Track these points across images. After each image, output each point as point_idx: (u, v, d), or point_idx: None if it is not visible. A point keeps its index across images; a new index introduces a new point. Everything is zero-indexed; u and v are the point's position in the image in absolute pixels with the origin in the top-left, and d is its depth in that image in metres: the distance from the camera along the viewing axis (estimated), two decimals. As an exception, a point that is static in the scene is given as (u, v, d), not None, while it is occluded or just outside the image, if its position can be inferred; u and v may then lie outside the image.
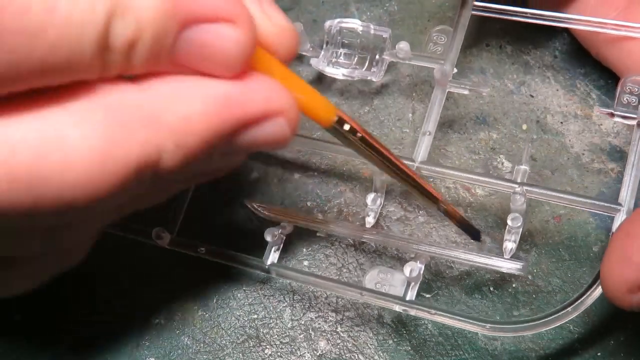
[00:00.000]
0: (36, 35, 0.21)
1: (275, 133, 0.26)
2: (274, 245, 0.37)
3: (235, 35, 0.24)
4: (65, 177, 0.23)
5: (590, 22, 0.37)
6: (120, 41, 0.23)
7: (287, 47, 0.27)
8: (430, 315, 0.34)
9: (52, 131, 0.23)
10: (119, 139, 0.23)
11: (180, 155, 0.25)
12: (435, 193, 0.32)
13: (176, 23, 0.23)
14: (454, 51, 0.38)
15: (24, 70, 0.22)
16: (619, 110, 0.36)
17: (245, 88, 0.25)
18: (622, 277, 0.30)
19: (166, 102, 0.24)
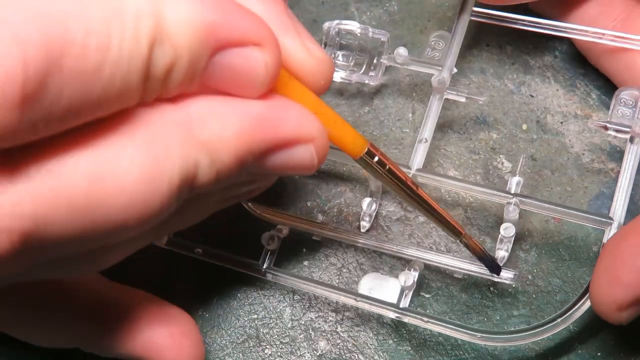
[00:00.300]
0: (94, 74, 0.22)
1: (304, 159, 0.28)
2: (270, 248, 0.37)
3: (262, 58, 0.25)
4: (118, 199, 0.24)
5: (589, 33, 0.38)
6: (159, 68, 0.24)
7: (324, 79, 0.29)
8: (424, 323, 0.34)
9: (103, 158, 0.24)
10: (162, 156, 0.24)
11: (214, 171, 0.26)
12: (458, 226, 0.33)
13: (209, 48, 0.25)
14: (451, 57, 0.39)
15: (83, 108, 0.23)
16: (613, 123, 0.36)
17: (278, 112, 0.27)
18: (612, 297, 0.31)
19: (202, 119, 0.25)
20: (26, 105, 0.21)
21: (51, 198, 0.23)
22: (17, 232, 0.22)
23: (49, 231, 0.23)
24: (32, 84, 0.21)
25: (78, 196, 0.23)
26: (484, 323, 0.36)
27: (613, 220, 0.34)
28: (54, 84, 0.22)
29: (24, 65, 0.21)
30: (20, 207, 0.22)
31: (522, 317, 0.36)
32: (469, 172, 0.39)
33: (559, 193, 0.39)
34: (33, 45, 0.21)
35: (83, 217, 0.24)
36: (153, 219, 0.25)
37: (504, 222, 0.35)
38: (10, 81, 0.21)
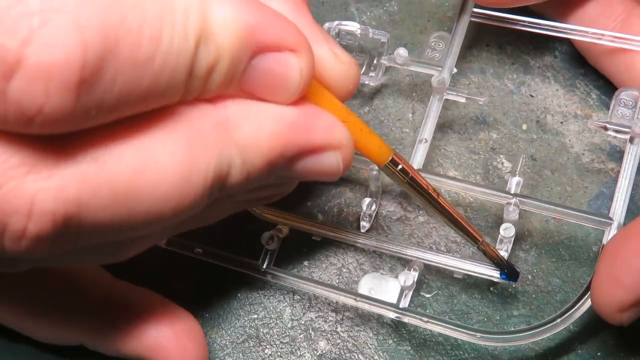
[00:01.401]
0: (145, 65, 0.23)
1: (330, 166, 0.29)
2: (270, 248, 0.37)
3: (298, 64, 0.26)
4: (157, 191, 0.25)
5: (589, 33, 0.38)
6: (203, 66, 0.24)
7: (352, 83, 0.30)
8: (423, 323, 0.34)
9: (146, 150, 0.24)
10: (199, 153, 0.25)
11: (245, 172, 0.27)
12: (476, 233, 0.34)
13: (249, 51, 0.25)
14: (451, 58, 0.39)
15: (132, 98, 0.23)
16: (612, 123, 0.36)
17: (310, 118, 0.28)
18: (613, 298, 0.31)
19: (237, 121, 0.26)
20: (82, 89, 0.22)
21: (95, 185, 0.24)
22: (60, 215, 0.23)
23: (89, 217, 0.24)
24: (90, 68, 0.22)
25: (120, 185, 0.24)
26: (484, 323, 0.36)
27: (613, 220, 0.34)
28: (109, 70, 0.22)
29: (83, 50, 0.21)
30: (66, 191, 0.23)
31: (522, 317, 0.36)
32: (469, 172, 0.39)
33: (559, 193, 0.39)
34: (92, 31, 0.22)
35: (123, 205, 0.24)
36: (186, 212, 0.26)
37: (503, 222, 0.35)
38: (70, 64, 0.21)
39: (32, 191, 0.23)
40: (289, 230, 0.38)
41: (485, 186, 0.37)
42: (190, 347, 0.33)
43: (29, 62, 0.21)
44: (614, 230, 0.34)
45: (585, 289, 0.33)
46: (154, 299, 0.34)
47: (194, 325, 0.34)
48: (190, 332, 0.34)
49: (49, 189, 0.23)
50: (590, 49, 0.39)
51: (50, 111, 0.22)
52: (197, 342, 0.34)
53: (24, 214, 0.23)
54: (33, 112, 0.22)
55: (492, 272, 0.35)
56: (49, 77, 0.21)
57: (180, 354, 0.33)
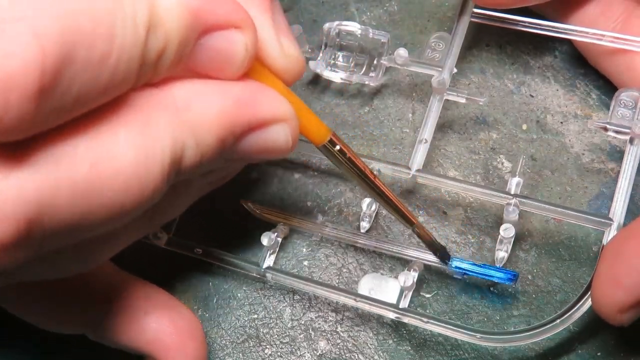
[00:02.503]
0: (102, 63, 0.23)
1: (279, 139, 0.29)
2: (270, 249, 0.37)
3: (243, 39, 0.27)
4: (116, 181, 0.24)
5: (589, 34, 0.38)
6: (152, 53, 0.25)
7: (292, 75, 0.30)
8: (423, 323, 0.34)
9: (99, 142, 0.24)
10: (152, 137, 0.25)
11: (199, 152, 0.27)
12: (411, 216, 0.34)
13: (196, 32, 0.26)
14: (451, 59, 0.39)
15: (90, 97, 0.23)
16: (612, 124, 0.36)
17: (255, 93, 0.28)
18: (613, 299, 0.31)
19: (186, 101, 0.26)
20: (42, 97, 0.22)
21: (53, 183, 0.23)
22: (22, 219, 0.23)
23: (52, 217, 0.24)
24: (49, 75, 0.22)
25: (79, 181, 0.24)
26: (484, 323, 0.36)
27: (613, 221, 0.34)
28: (67, 75, 0.22)
29: (42, 58, 0.21)
30: (24, 193, 0.23)
31: (522, 317, 0.36)
32: (469, 172, 0.39)
33: (559, 193, 0.39)
34: (49, 38, 0.22)
35: (84, 201, 0.24)
36: (147, 201, 0.26)
37: (503, 223, 0.35)
38: (29, 73, 0.21)
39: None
40: (289, 230, 0.38)
41: (485, 187, 0.37)
42: (190, 344, 0.33)
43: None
44: (614, 230, 0.34)
45: (585, 289, 0.33)
46: (157, 293, 0.34)
47: (195, 323, 0.34)
48: (191, 329, 0.34)
49: (6, 192, 0.22)
50: (590, 50, 0.39)
51: (10, 122, 0.21)
52: (197, 339, 0.34)
53: None
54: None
55: (489, 273, 0.35)
56: (7, 88, 0.21)
57: (180, 350, 0.33)
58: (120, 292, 0.34)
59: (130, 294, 0.34)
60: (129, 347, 0.33)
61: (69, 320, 0.34)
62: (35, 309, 0.34)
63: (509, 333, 0.34)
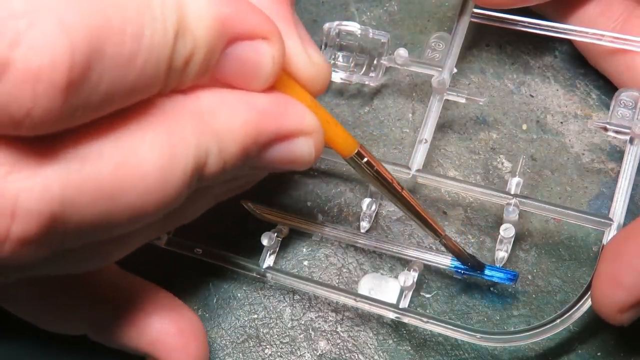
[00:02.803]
0: (129, 62, 0.23)
1: (302, 152, 0.29)
2: (270, 249, 0.37)
3: (270, 51, 0.27)
4: (140, 184, 0.25)
5: (589, 34, 0.38)
6: (180, 59, 0.25)
7: (320, 84, 0.30)
8: (423, 323, 0.34)
9: (126, 144, 0.24)
10: (178, 143, 0.25)
11: (222, 160, 0.27)
12: (439, 228, 0.34)
13: (224, 40, 0.26)
14: (451, 59, 0.39)
15: (117, 95, 0.23)
16: (612, 124, 0.36)
17: (281, 105, 0.28)
18: (613, 299, 0.31)
19: (212, 110, 0.26)
20: (70, 91, 0.22)
21: (78, 182, 0.23)
22: (45, 215, 0.23)
23: (74, 215, 0.24)
24: (77, 70, 0.22)
25: (103, 181, 0.24)
26: (484, 323, 0.36)
27: (613, 221, 0.34)
28: (95, 71, 0.22)
29: (71, 52, 0.21)
30: (49, 190, 0.23)
31: (522, 317, 0.36)
32: (469, 172, 0.39)
33: (559, 193, 0.39)
34: (78, 32, 0.22)
35: (107, 201, 0.24)
36: (168, 205, 0.26)
37: (503, 223, 0.35)
38: (58, 67, 0.21)
39: (15, 191, 0.22)
40: (289, 230, 0.38)
41: (485, 187, 0.37)
42: (192, 345, 0.33)
43: (16, 65, 0.21)
44: (613, 230, 0.34)
45: (585, 289, 0.33)
46: (159, 293, 0.34)
47: (197, 323, 0.34)
48: (193, 330, 0.34)
49: (31, 188, 0.23)
50: (590, 50, 0.39)
51: (38, 115, 0.22)
52: (199, 340, 0.34)
53: (7, 215, 0.23)
54: (21, 116, 0.22)
55: (489, 273, 0.35)
56: (37, 80, 0.21)
57: (182, 350, 0.33)
58: (123, 292, 0.34)
59: (133, 294, 0.34)
60: (131, 348, 0.33)
61: (70, 320, 0.34)
62: (36, 309, 0.34)
63: (509, 333, 0.34)
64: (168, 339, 0.33)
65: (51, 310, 0.34)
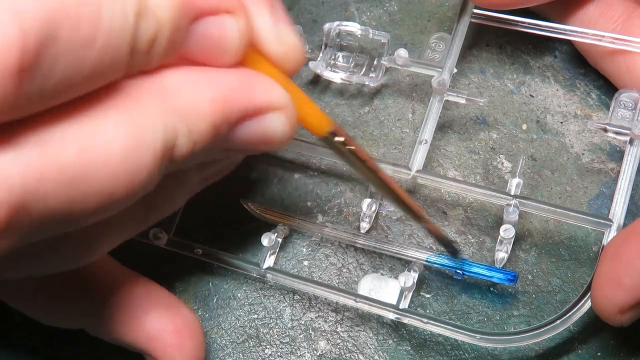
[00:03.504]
0: (87, 47, 0.22)
1: (275, 128, 0.28)
2: (270, 249, 0.37)
3: (235, 25, 0.26)
4: (106, 168, 0.24)
5: (589, 35, 0.38)
6: (143, 41, 0.24)
7: (290, 64, 0.29)
8: (423, 324, 0.34)
9: (89, 128, 0.24)
10: (143, 123, 0.24)
11: (192, 140, 0.26)
12: (418, 210, 0.33)
13: (187, 19, 0.25)
14: (451, 59, 0.39)
15: (75, 81, 0.23)
16: (612, 125, 0.36)
17: (249, 80, 0.27)
18: (613, 300, 0.31)
19: (178, 88, 0.26)
20: (23, 77, 0.21)
21: (40, 169, 0.23)
22: (6, 205, 0.22)
23: (39, 204, 0.23)
24: (30, 54, 0.21)
25: (66, 166, 0.23)
26: (484, 323, 0.36)
27: (612, 222, 0.34)
28: (49, 56, 0.22)
29: (22, 36, 0.21)
30: (9, 178, 0.22)
31: (522, 317, 0.36)
32: (469, 172, 0.39)
33: (559, 193, 0.39)
34: (30, 15, 0.21)
35: (72, 188, 0.23)
36: (138, 189, 0.25)
37: (503, 224, 0.35)
38: (8, 51, 0.21)
39: None
40: (289, 230, 0.38)
41: (486, 187, 0.37)
42: (188, 343, 0.33)
43: None
44: (613, 231, 0.34)
45: (586, 289, 0.33)
46: (158, 290, 0.34)
47: (195, 322, 0.34)
48: (191, 328, 0.34)
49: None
50: (590, 50, 0.39)
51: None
52: (197, 338, 0.34)
53: None
54: None
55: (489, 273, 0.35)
56: None
57: (178, 348, 0.33)
58: (121, 287, 0.33)
59: (131, 290, 0.33)
60: (128, 344, 0.33)
61: (69, 314, 0.34)
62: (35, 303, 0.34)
63: (508, 334, 0.34)
64: (165, 336, 0.33)
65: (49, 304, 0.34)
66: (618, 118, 0.36)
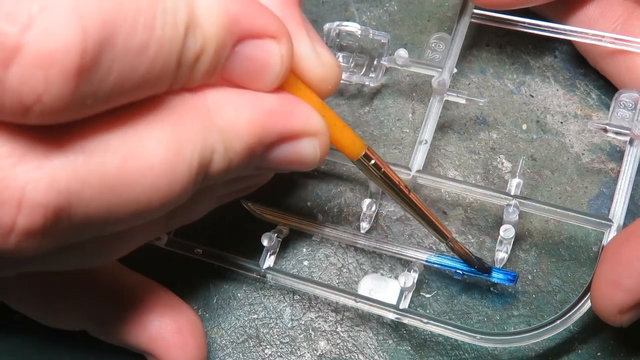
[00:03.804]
0: (140, 53, 0.23)
1: (308, 153, 0.29)
2: (270, 249, 0.37)
3: (278, 50, 0.27)
4: (146, 179, 0.24)
5: (589, 35, 0.38)
6: (190, 55, 0.25)
7: (330, 84, 0.30)
8: (423, 324, 0.34)
9: (133, 138, 0.24)
10: (184, 139, 0.25)
11: (227, 158, 0.27)
12: (446, 230, 0.34)
13: (233, 38, 0.26)
14: (451, 59, 0.39)
15: (126, 87, 0.23)
16: (612, 125, 0.36)
17: (288, 105, 0.28)
18: (613, 301, 0.31)
19: (219, 108, 0.26)
20: (81, 78, 0.22)
21: (85, 175, 0.23)
22: (51, 207, 0.23)
23: (80, 208, 0.24)
24: (89, 56, 0.21)
25: (109, 174, 0.24)
26: (484, 323, 0.36)
27: (612, 222, 0.34)
28: (106, 58, 0.22)
29: (83, 37, 0.21)
30: (56, 182, 0.23)
31: (522, 317, 0.36)
32: (469, 172, 0.39)
33: (559, 193, 0.39)
34: (91, 17, 0.21)
35: (113, 195, 0.24)
36: (173, 202, 0.26)
37: (503, 224, 0.35)
38: (69, 52, 0.21)
39: (22, 182, 0.22)
40: (289, 230, 0.38)
41: (486, 187, 0.37)
42: (190, 343, 0.33)
43: (28, 48, 0.21)
44: (613, 231, 0.34)
45: (586, 289, 0.33)
46: (159, 291, 0.34)
47: (196, 321, 0.34)
48: (192, 328, 0.34)
49: (39, 180, 0.22)
50: (590, 51, 0.39)
51: (49, 100, 0.21)
52: (198, 338, 0.34)
53: (14, 207, 0.22)
54: (31, 101, 0.21)
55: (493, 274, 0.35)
56: (48, 64, 0.21)
57: (181, 348, 0.33)
58: (123, 288, 0.34)
59: (133, 291, 0.34)
60: (130, 345, 0.33)
61: (70, 315, 0.34)
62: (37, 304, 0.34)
63: (508, 334, 0.34)
64: (166, 335, 0.33)
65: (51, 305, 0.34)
66: (618, 118, 0.36)
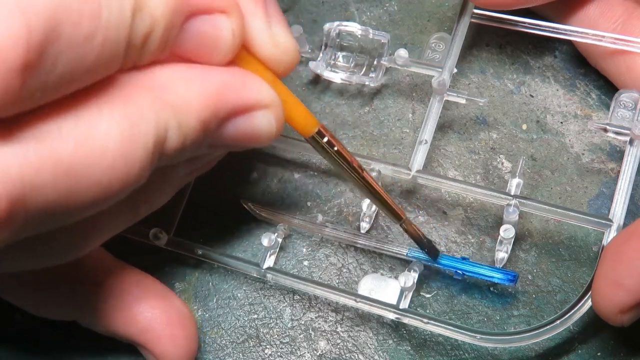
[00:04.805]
0: (87, 42, 0.23)
1: (263, 126, 0.29)
2: (270, 249, 0.37)
3: (229, 24, 0.27)
4: (102, 161, 0.24)
5: (589, 35, 0.38)
6: (139, 36, 0.25)
7: (284, 65, 0.30)
8: (423, 324, 0.34)
9: (84, 121, 0.24)
10: (137, 118, 0.25)
11: (182, 134, 0.27)
12: (400, 211, 0.34)
13: (182, 16, 0.26)
14: (451, 59, 0.39)
15: (75, 76, 0.23)
16: (612, 125, 0.36)
17: (239, 78, 0.28)
18: (614, 301, 0.31)
19: (169, 84, 0.26)
20: (27, 73, 0.22)
21: (38, 162, 0.23)
22: (5, 198, 0.22)
23: (36, 197, 0.23)
24: (34, 51, 0.21)
25: (64, 160, 0.23)
26: (484, 323, 0.36)
27: (612, 222, 0.34)
28: (52, 52, 0.22)
29: (27, 33, 0.21)
30: (8, 172, 0.22)
31: (522, 317, 0.36)
32: (469, 172, 0.39)
33: (559, 193, 0.39)
34: (35, 12, 0.21)
35: (69, 181, 0.24)
36: (131, 183, 0.25)
37: (503, 224, 0.35)
38: (14, 48, 0.21)
39: None
40: (289, 230, 0.38)
41: (486, 187, 0.37)
42: (181, 335, 0.33)
43: None
44: (613, 231, 0.34)
45: (586, 289, 0.33)
46: (149, 281, 0.34)
47: (186, 313, 0.34)
48: (183, 319, 0.34)
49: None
50: (590, 51, 0.39)
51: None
52: (188, 329, 0.34)
53: None
54: None
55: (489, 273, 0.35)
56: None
57: (171, 340, 0.33)
58: (112, 278, 0.34)
59: (123, 281, 0.34)
60: (120, 335, 0.34)
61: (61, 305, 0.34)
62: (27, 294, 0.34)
63: (508, 334, 0.34)
64: (158, 327, 0.33)
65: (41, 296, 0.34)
66: (618, 118, 0.36)
